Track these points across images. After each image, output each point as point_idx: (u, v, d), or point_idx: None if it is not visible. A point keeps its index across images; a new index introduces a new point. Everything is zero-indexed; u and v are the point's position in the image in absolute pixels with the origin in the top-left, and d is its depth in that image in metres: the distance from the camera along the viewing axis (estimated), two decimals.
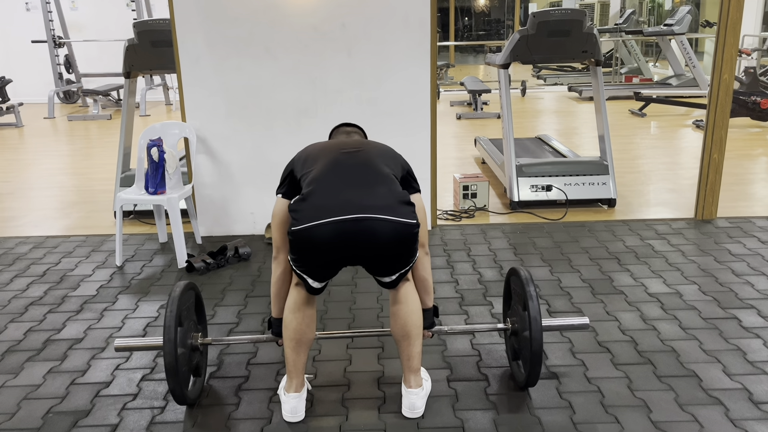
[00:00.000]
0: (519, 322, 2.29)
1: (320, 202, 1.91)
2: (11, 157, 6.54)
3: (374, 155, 2.09)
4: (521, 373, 2.28)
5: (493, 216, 4.32)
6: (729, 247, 3.62)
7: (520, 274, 2.25)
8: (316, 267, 1.97)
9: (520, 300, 2.27)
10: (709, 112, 3.96)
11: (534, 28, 4.37)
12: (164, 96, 10.11)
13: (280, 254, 2.15)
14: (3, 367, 2.54)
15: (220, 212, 4.03)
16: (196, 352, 2.30)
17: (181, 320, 2.18)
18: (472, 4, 16.26)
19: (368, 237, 1.89)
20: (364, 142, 2.19)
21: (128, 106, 4.46)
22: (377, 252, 1.93)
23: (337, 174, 1.99)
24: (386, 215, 1.89)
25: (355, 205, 1.89)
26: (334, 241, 1.89)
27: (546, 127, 7.51)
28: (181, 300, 2.18)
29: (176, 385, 2.11)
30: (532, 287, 2.19)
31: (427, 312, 2.25)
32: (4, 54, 10.39)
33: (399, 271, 2.03)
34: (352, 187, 1.94)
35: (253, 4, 3.67)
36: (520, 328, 2.27)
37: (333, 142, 2.20)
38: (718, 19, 3.79)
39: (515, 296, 2.34)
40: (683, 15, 8.95)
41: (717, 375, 2.36)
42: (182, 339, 2.17)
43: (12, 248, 3.85)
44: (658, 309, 2.90)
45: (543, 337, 2.14)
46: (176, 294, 2.18)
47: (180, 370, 2.12)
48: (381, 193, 1.94)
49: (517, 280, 2.28)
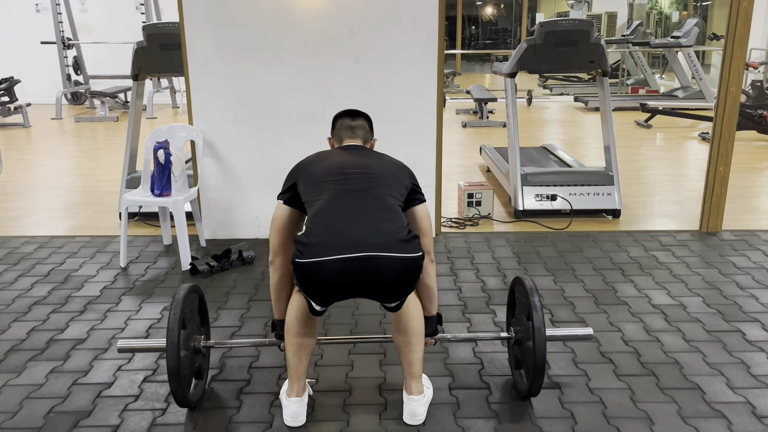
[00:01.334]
0: (522, 332, 2.28)
1: (326, 239, 1.88)
2: (18, 157, 6.57)
3: (378, 184, 2.04)
4: (523, 383, 2.28)
5: (497, 224, 4.31)
6: (734, 260, 3.61)
7: (524, 283, 2.25)
8: (319, 294, 1.96)
9: (524, 310, 2.26)
10: (715, 124, 3.96)
11: (541, 37, 4.38)
12: (171, 99, 10.16)
13: (277, 258, 2.14)
14: (5, 366, 2.54)
15: (224, 215, 4.04)
16: (199, 354, 2.30)
17: (185, 323, 2.18)
18: (479, 12, 16.30)
19: (374, 274, 1.88)
20: (368, 163, 2.12)
21: (136, 108, 4.48)
22: (382, 287, 1.94)
23: (344, 209, 1.96)
24: (392, 252, 1.87)
25: (362, 244, 1.87)
26: (338, 278, 1.88)
27: (551, 137, 7.51)
28: (184, 303, 2.19)
29: (178, 388, 2.11)
30: (536, 297, 2.18)
31: (431, 320, 2.24)
32: (14, 55, 10.45)
33: (402, 298, 2.04)
34: (358, 223, 1.91)
35: (262, 9, 3.69)
36: (524, 338, 2.26)
37: (337, 162, 2.13)
38: (726, 33, 3.79)
39: (519, 306, 2.34)
40: (690, 27, 8.96)
41: (720, 388, 2.35)
42: (185, 342, 2.17)
43: (17, 247, 3.87)
44: (661, 321, 2.89)
45: (546, 348, 2.14)
46: (180, 296, 2.18)
47: (182, 373, 2.12)
48: (387, 229, 1.92)
49: (522, 290, 2.27)
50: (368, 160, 2.15)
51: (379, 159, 2.18)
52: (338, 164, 2.11)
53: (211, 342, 2.39)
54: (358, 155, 2.18)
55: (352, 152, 2.20)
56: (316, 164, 2.14)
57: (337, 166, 2.10)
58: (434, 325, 2.27)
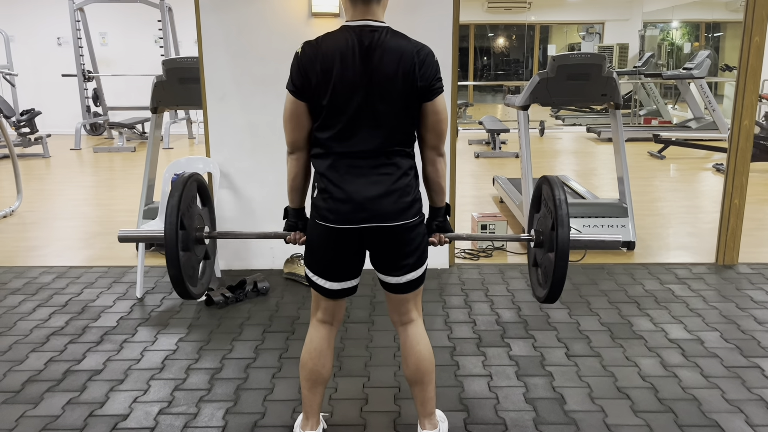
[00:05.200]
0: (545, 234, 2.13)
1: (339, 207, 1.92)
2: (37, 187, 6.68)
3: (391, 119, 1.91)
4: (540, 287, 2.17)
5: (511, 256, 4.31)
6: (751, 293, 3.58)
7: (550, 181, 2.10)
8: (325, 257, 2.00)
9: (548, 211, 2.12)
10: (729, 157, 3.96)
11: (554, 71, 4.43)
12: (187, 130, 10.32)
13: (298, 152, 2.01)
14: (23, 396, 2.56)
15: (240, 246, 4.07)
16: (202, 245, 2.27)
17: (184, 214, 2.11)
18: (491, 44, 16.50)
19: (376, 238, 1.95)
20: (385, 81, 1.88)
21: (154, 139, 4.56)
22: (384, 247, 1.98)
23: (354, 178, 1.93)
24: (393, 222, 1.92)
25: (365, 213, 1.91)
26: (342, 243, 1.96)
27: (564, 168, 7.53)
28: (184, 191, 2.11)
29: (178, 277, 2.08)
30: (561, 193, 2.03)
31: (437, 210, 2.10)
32: (36, 86, 10.71)
33: (406, 274, 2.01)
34: (362, 188, 1.92)
35: (278, 45, 3.77)
36: (546, 241, 2.12)
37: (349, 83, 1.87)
38: (738, 65, 3.82)
39: (544, 206, 2.19)
40: (702, 59, 9.01)
41: (740, 425, 2.32)
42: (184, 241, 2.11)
43: (36, 277, 3.92)
44: (678, 356, 2.86)
45: (569, 253, 2.00)
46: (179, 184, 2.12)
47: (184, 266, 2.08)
48: (388, 199, 1.93)
49: (547, 188, 2.12)
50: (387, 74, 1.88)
51: (396, 67, 1.88)
52: (350, 86, 1.88)
53: (215, 232, 2.35)
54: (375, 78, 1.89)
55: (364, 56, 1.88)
56: (327, 68, 1.89)
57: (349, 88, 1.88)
58: (442, 215, 2.11)
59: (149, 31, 10.45)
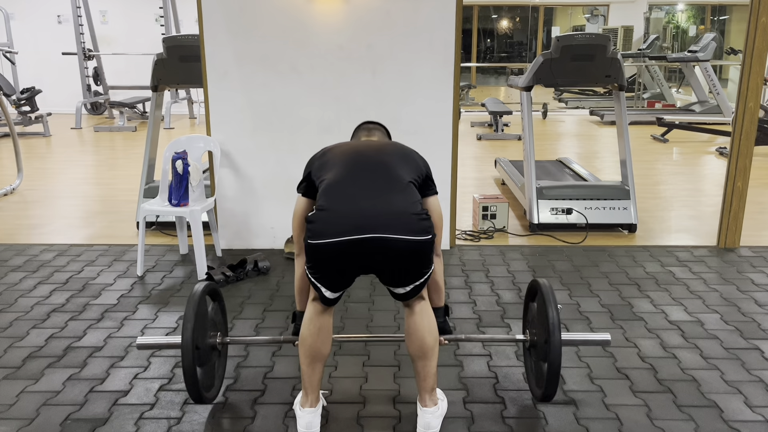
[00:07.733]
0: (538, 335, 2.27)
1: (336, 219, 1.92)
2: (38, 166, 6.67)
3: (392, 161, 2.09)
4: (537, 388, 2.29)
5: (512, 237, 4.30)
6: (752, 276, 3.57)
7: (541, 287, 2.25)
8: (330, 274, 1.99)
9: (540, 314, 2.26)
10: (733, 140, 3.93)
11: (558, 51, 4.39)
12: (188, 109, 10.27)
13: (303, 253, 2.11)
14: (24, 372, 2.57)
15: (241, 226, 4.07)
16: (215, 351, 2.35)
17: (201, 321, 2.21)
18: (494, 26, 16.36)
19: (382, 253, 1.92)
20: (382, 144, 2.19)
21: (154, 118, 4.54)
22: (390, 265, 1.97)
23: (354, 181, 2.00)
24: (401, 234, 1.90)
25: (370, 223, 1.90)
26: (347, 258, 1.93)
27: (567, 150, 7.49)
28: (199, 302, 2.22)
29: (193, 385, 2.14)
30: (552, 299, 2.18)
31: (437, 311, 2.23)
32: (36, 65, 10.64)
33: (413, 283, 2.03)
34: (367, 199, 1.96)
35: (281, 23, 3.74)
36: (539, 341, 2.26)
37: (352, 145, 2.20)
38: (744, 48, 3.78)
39: (535, 309, 2.33)
40: (708, 42, 8.92)
41: (738, 406, 2.32)
42: (200, 338, 2.20)
43: (37, 255, 3.92)
44: (678, 337, 2.86)
45: (562, 352, 2.14)
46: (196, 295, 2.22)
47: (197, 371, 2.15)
48: (398, 205, 1.95)
49: (538, 293, 2.28)
50: (383, 143, 2.21)
51: (395, 144, 2.22)
52: (352, 147, 2.17)
53: (227, 339, 2.42)
54: (373, 141, 2.25)
55: (368, 133, 2.33)
56: (330, 152, 2.18)
57: (351, 148, 2.16)
58: (441, 316, 2.27)
59: (150, 9, 10.36)
